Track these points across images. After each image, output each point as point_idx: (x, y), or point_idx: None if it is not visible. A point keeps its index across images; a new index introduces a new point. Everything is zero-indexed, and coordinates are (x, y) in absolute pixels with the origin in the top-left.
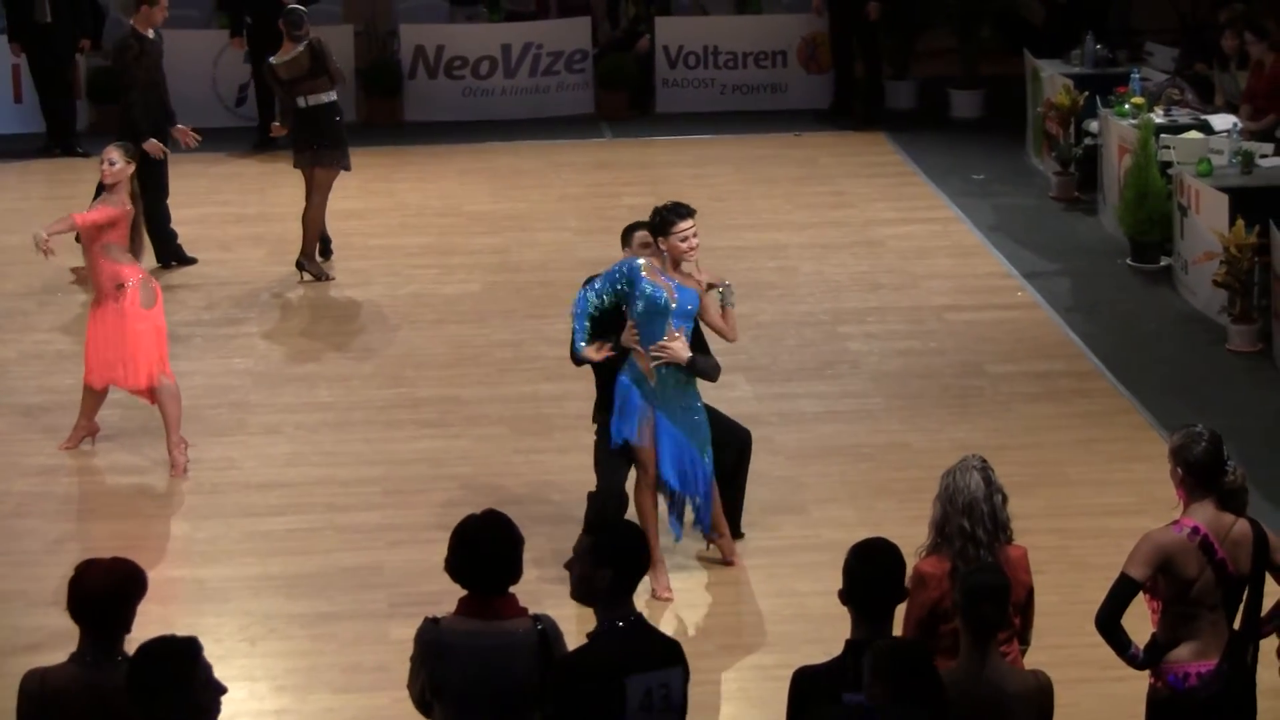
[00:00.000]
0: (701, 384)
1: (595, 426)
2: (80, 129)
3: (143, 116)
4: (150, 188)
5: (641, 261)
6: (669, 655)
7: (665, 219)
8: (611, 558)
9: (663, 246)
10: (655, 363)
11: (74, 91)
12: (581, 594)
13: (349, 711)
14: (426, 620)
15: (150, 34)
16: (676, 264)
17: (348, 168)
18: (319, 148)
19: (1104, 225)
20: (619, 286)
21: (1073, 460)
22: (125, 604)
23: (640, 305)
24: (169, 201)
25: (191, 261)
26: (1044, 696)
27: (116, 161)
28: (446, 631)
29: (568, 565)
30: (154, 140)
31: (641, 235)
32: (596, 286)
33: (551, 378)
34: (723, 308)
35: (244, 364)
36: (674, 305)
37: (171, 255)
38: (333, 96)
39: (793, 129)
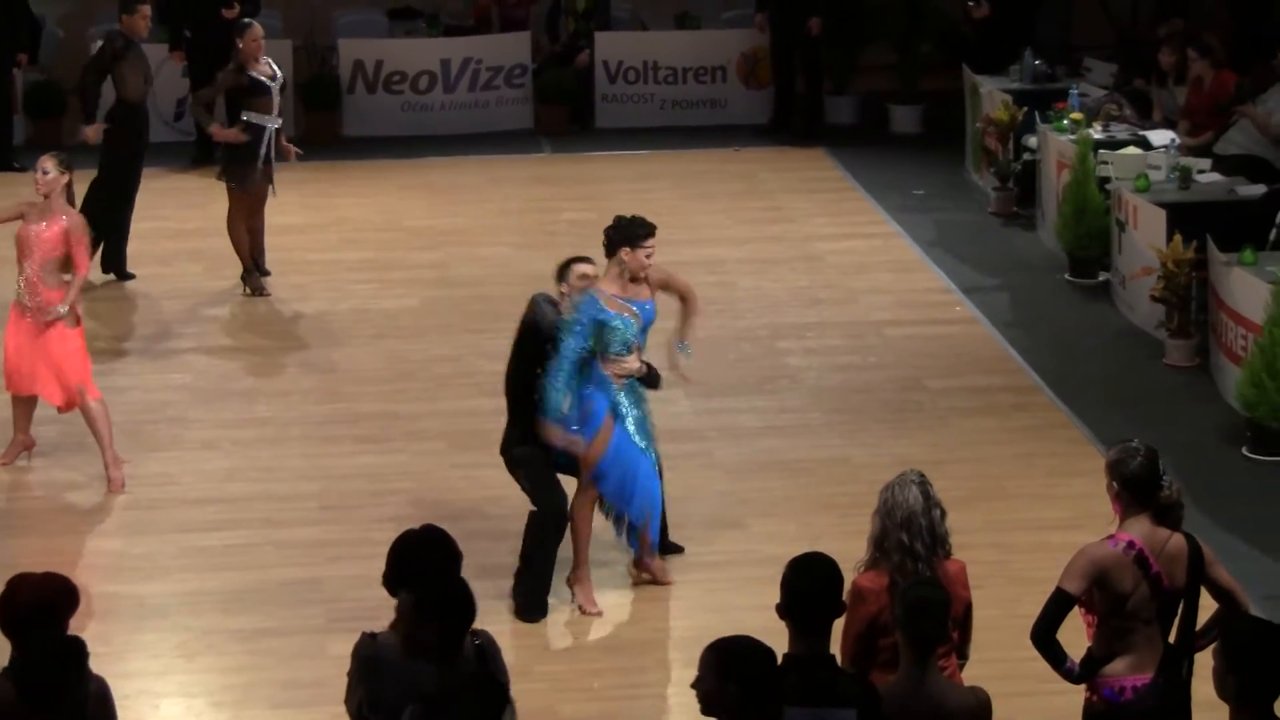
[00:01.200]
0: (650, 398)
1: (517, 454)
2: (17, 143)
3: (94, 100)
4: (116, 196)
5: (597, 298)
6: (502, 697)
7: (635, 232)
8: (436, 613)
9: (625, 258)
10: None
11: (11, 106)
12: (412, 652)
13: None
14: (364, 635)
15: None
16: (634, 277)
17: (251, 191)
18: (223, 162)
19: (1043, 240)
20: (590, 337)
21: (1011, 475)
22: (57, 619)
23: (613, 340)
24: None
25: (129, 277)
26: (983, 713)
27: (50, 171)
28: (384, 647)
29: (393, 625)
30: (96, 125)
31: (581, 268)
32: (574, 345)
33: (490, 393)
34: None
35: (182, 379)
36: (637, 326)
37: (114, 267)
38: (245, 117)
39: (732, 144)
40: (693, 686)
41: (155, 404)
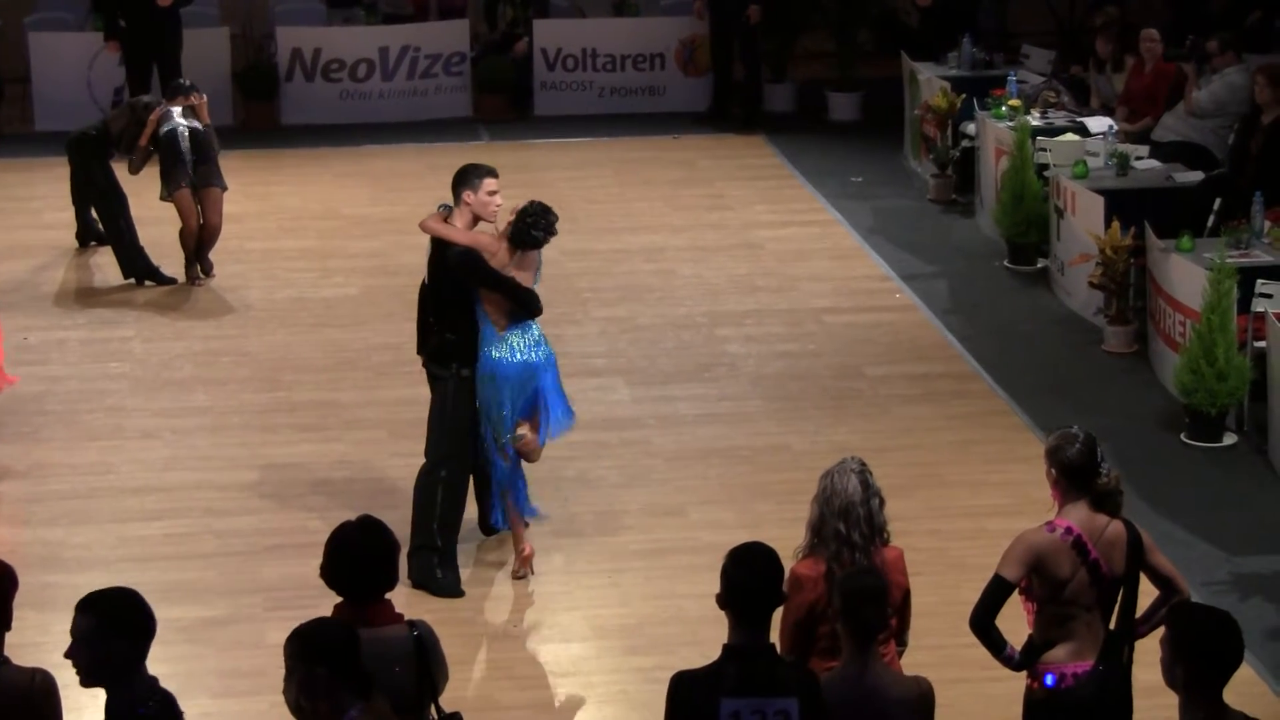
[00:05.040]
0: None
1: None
2: None
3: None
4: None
5: None
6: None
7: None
8: (124, 629)
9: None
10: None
11: None
12: (94, 679)
13: (226, 716)
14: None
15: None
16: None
17: (185, 187)
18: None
19: (981, 227)
20: None
21: (950, 461)
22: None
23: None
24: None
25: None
26: (925, 702)
27: None
28: None
29: (68, 654)
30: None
31: (492, 183)
32: None
33: None
34: None
35: (120, 368)
36: None
37: (144, 273)
38: (160, 131)
39: (671, 132)
40: (286, 680)
41: (94, 393)
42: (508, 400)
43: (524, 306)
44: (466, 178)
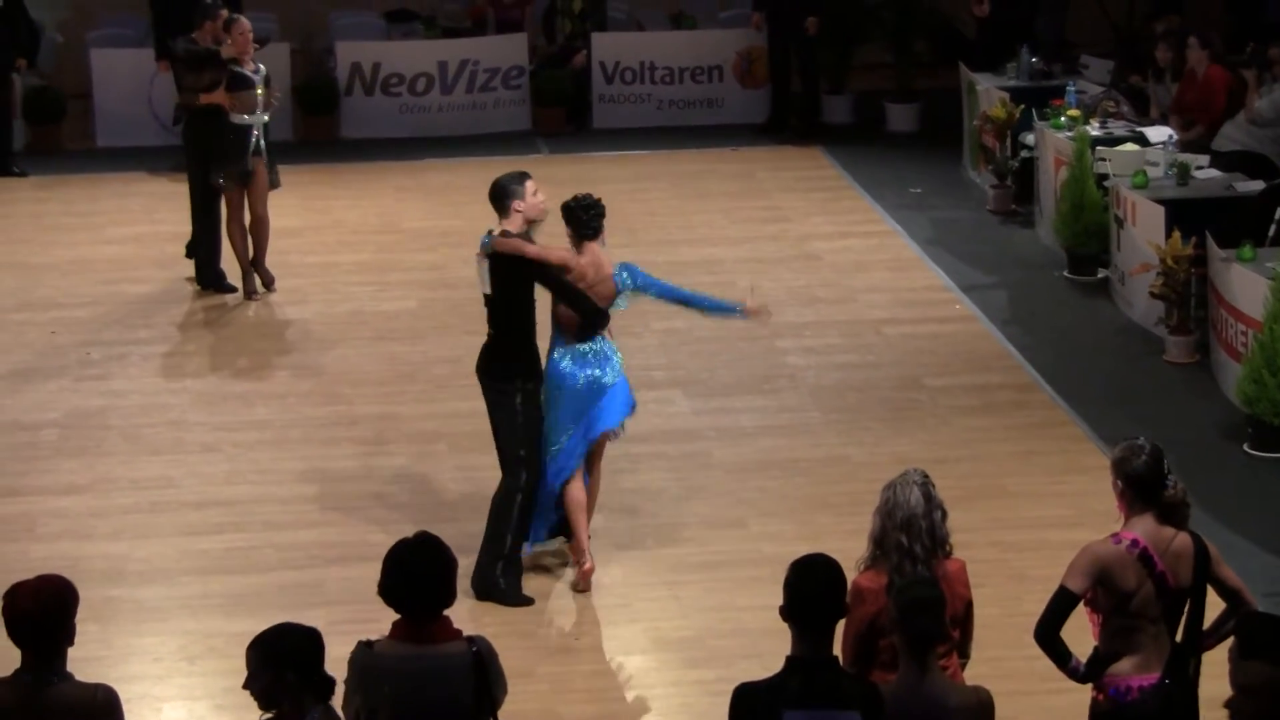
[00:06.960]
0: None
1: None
2: (16, 148)
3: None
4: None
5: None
6: None
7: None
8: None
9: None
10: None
11: (10, 111)
12: None
13: None
14: (360, 644)
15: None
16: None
17: (243, 184)
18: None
19: (1041, 238)
20: None
21: (1011, 473)
22: (64, 620)
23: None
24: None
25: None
26: (985, 712)
27: None
28: (380, 655)
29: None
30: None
31: (530, 184)
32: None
33: None
34: None
35: (181, 383)
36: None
37: (213, 280)
38: (231, 118)
39: (729, 144)
40: (245, 688)
41: (155, 407)
42: (564, 408)
43: (582, 315)
44: (509, 191)
